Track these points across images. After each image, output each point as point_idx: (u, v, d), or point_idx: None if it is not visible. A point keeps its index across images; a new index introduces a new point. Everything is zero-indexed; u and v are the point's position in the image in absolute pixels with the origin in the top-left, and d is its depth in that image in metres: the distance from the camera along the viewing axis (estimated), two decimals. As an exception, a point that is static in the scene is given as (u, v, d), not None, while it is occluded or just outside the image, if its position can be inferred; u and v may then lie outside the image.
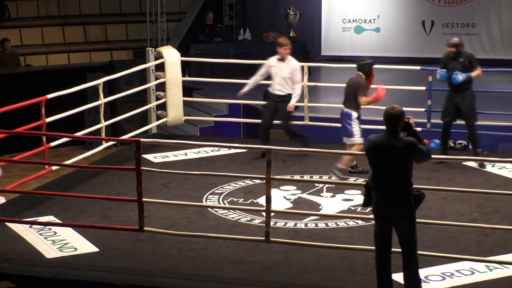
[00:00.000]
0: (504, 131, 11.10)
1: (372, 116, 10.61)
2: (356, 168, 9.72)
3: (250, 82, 10.68)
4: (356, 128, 9.55)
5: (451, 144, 11.12)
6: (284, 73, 10.28)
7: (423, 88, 11.27)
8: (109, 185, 9.48)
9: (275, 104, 10.44)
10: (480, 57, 10.51)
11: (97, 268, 7.07)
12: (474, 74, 10.06)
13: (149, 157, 10.56)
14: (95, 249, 7.44)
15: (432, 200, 8.35)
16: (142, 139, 7.46)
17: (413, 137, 6.20)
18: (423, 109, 11.10)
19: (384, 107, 6.36)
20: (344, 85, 9.76)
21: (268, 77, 10.52)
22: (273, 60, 10.43)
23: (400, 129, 6.18)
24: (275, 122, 10.56)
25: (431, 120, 11.05)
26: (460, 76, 9.90)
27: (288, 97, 10.32)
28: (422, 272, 6.71)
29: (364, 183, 6.42)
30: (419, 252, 6.32)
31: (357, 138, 9.50)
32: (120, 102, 13.79)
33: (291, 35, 17.25)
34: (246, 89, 10.67)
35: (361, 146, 9.22)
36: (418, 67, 11.82)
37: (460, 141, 11.25)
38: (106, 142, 10.65)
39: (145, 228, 7.36)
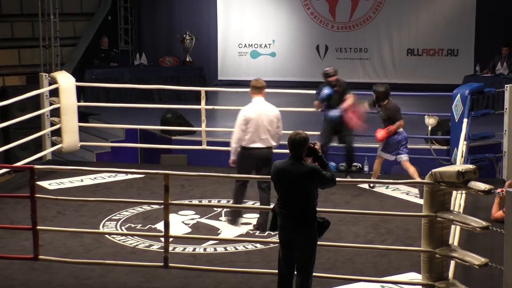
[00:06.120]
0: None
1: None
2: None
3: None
4: None
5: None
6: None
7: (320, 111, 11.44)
8: (2, 213, 9.24)
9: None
10: (373, 81, 10.76)
11: (-10, 300, 6.89)
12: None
13: (44, 184, 10.36)
14: (-12, 280, 7.24)
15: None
16: (36, 166, 7.35)
17: (319, 162, 6.24)
18: (318, 132, 11.25)
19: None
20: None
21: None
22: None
23: (306, 155, 6.23)
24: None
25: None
26: None
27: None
28: (320, 294, 6.81)
29: (263, 207, 6.46)
30: (316, 274, 6.39)
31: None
32: (13, 129, 13.48)
33: (187, 59, 17.32)
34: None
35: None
36: (314, 91, 11.99)
37: (355, 164, 11.44)
38: (-2, 170, 10.40)
39: (40, 257, 7.21)
